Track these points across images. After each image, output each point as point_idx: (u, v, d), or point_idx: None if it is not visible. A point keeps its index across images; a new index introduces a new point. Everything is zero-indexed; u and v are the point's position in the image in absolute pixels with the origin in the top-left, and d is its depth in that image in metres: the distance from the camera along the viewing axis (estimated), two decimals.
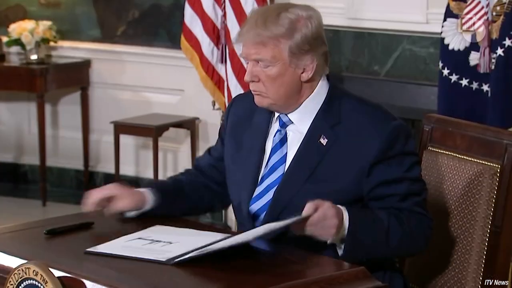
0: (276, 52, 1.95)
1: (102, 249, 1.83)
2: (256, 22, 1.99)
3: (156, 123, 4.40)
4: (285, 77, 1.97)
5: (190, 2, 4.16)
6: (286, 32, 1.95)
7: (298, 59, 1.96)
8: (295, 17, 1.97)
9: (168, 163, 4.73)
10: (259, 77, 1.97)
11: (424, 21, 3.78)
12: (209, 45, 4.15)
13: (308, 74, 1.98)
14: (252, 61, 1.97)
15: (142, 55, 4.69)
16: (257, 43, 1.95)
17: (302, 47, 1.96)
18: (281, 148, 2.02)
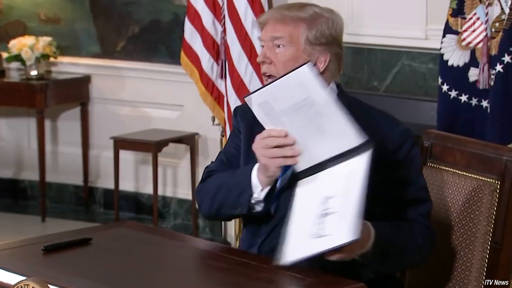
0: (294, 34, 1.99)
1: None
2: (280, 7, 2.07)
3: (156, 138, 4.40)
4: (297, 63, 1.98)
5: (190, 18, 4.18)
6: (308, 18, 2.00)
7: (313, 49, 2.00)
8: (319, 11, 2.03)
9: (168, 178, 4.73)
10: (272, 59, 2.01)
11: (424, 37, 3.79)
12: (208, 61, 4.16)
13: (320, 68, 2.01)
14: (268, 42, 2.01)
15: (142, 71, 4.70)
16: (277, 20, 2.00)
17: (319, 39, 2.00)
18: None
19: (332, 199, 1.78)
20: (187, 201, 4.65)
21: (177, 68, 4.42)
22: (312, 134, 1.85)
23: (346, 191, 1.77)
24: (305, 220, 1.80)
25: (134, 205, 4.82)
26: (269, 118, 1.88)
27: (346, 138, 1.83)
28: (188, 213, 4.65)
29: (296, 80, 1.82)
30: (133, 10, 4.71)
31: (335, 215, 1.75)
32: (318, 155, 1.86)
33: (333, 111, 1.82)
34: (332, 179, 1.82)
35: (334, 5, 3.96)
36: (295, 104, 1.83)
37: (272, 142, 1.87)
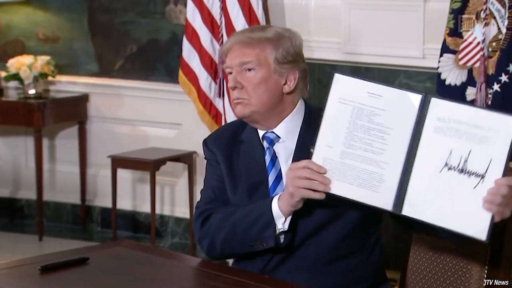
0: (261, 55, 2.02)
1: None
2: (242, 31, 2.11)
3: (154, 157, 4.40)
4: (269, 84, 2.02)
5: (188, 37, 4.19)
6: (273, 39, 2.04)
7: (282, 68, 2.03)
8: (281, 31, 2.07)
9: (166, 197, 4.72)
10: (243, 83, 2.02)
11: (421, 56, 3.81)
12: (206, 80, 4.17)
13: (290, 86, 2.04)
14: (236, 67, 2.03)
15: (140, 89, 4.71)
16: (244, 44, 2.02)
17: (286, 57, 2.03)
18: (274, 165, 2.05)
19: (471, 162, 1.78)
20: (184, 220, 4.63)
21: (175, 86, 4.42)
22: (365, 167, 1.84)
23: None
24: (433, 171, 1.79)
25: (132, 223, 4.80)
26: (343, 123, 1.86)
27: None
28: (185, 232, 4.64)
29: (408, 103, 1.82)
30: (131, 29, 4.73)
31: (478, 190, 1.76)
32: (350, 191, 1.85)
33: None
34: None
35: (332, 24, 4.01)
36: (379, 125, 1.84)
37: (306, 173, 1.86)
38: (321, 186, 1.84)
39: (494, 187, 1.74)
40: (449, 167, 1.78)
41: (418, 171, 1.80)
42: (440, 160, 1.78)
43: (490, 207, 1.74)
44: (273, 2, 4.15)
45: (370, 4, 3.91)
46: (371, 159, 1.83)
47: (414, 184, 1.80)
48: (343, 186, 1.84)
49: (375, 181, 1.83)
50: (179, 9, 4.55)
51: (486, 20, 3.35)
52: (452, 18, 3.41)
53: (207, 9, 4.11)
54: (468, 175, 1.76)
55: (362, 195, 1.83)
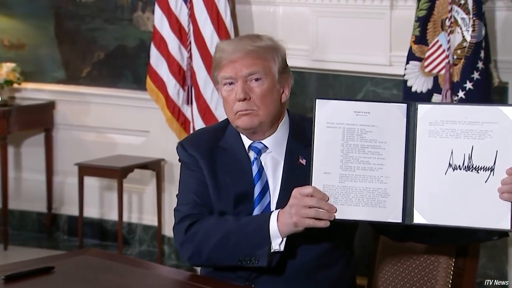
0: (266, 66, 2.00)
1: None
2: (241, 40, 2.04)
3: (121, 164, 4.37)
4: (273, 94, 2.01)
5: (156, 44, 4.18)
6: (273, 47, 2.02)
7: (281, 77, 2.03)
8: (273, 39, 2.05)
9: (133, 205, 4.69)
10: (250, 94, 1.99)
11: (387, 64, 3.84)
12: (174, 87, 4.16)
13: (286, 94, 2.04)
14: (243, 77, 1.99)
15: (107, 97, 4.68)
16: (251, 54, 1.98)
17: (283, 66, 2.03)
18: (260, 177, 2.02)
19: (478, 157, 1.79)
20: (152, 228, 4.61)
21: (142, 93, 4.40)
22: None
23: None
24: (440, 172, 1.80)
25: (99, 231, 4.76)
26: (336, 146, 1.85)
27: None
28: (153, 240, 4.61)
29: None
30: (98, 36, 4.70)
31: (492, 181, 1.78)
32: (352, 212, 1.85)
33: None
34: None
35: (299, 32, 4.03)
36: (372, 141, 1.84)
37: (312, 202, 1.83)
38: (326, 215, 1.82)
39: (508, 177, 1.75)
40: (454, 167, 1.79)
41: (422, 178, 1.81)
42: (443, 162, 1.80)
43: (510, 197, 1.75)
44: (241, 9, 4.16)
45: (338, 12, 3.93)
46: (371, 176, 1.83)
47: (420, 191, 1.81)
48: (349, 209, 1.83)
49: (380, 197, 1.83)
50: (146, 16, 4.53)
51: (451, 28, 3.39)
52: (418, 26, 3.45)
53: (175, 16, 4.10)
54: (476, 171, 1.78)
55: (370, 214, 1.83)
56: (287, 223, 1.87)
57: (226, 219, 1.98)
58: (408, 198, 1.82)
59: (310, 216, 1.83)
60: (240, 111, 1.99)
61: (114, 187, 4.47)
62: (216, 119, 4.00)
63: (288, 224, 1.87)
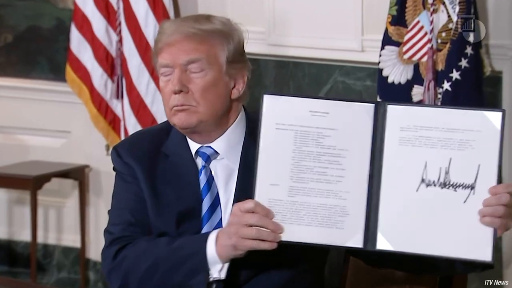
0: (212, 53, 1.98)
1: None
2: (184, 20, 2.03)
3: (35, 172, 4.34)
4: (219, 88, 1.99)
5: (77, 24, 4.17)
6: (223, 31, 2.00)
7: (232, 68, 2.01)
8: (227, 22, 2.03)
9: (50, 222, 4.66)
10: (188, 86, 1.98)
11: (359, 49, 3.89)
12: (101, 77, 4.15)
13: (239, 90, 2.02)
14: (181, 66, 1.98)
15: (17, 89, 4.64)
16: (192, 38, 1.97)
17: (236, 55, 2.01)
18: (210, 189, 2.01)
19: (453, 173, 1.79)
20: (74, 250, 4.59)
21: (61, 85, 4.38)
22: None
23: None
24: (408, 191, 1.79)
25: (7, 256, 4.72)
26: (286, 153, 1.84)
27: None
28: (75, 264, 4.60)
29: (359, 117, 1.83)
30: (5, 14, 4.66)
31: (472, 202, 1.76)
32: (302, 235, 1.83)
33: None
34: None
35: (253, 11, 4.06)
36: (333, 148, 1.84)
37: (253, 220, 1.82)
38: (270, 235, 1.81)
39: (491, 197, 1.74)
40: (427, 183, 1.78)
41: (389, 195, 1.80)
42: (415, 177, 1.78)
43: (492, 221, 1.74)
44: None
45: None
46: (328, 190, 1.82)
47: (385, 210, 1.79)
48: (299, 229, 1.81)
49: (337, 216, 1.81)
50: None
51: (434, 6, 3.45)
52: (395, 3, 3.51)
53: None
54: (453, 188, 1.76)
55: (325, 236, 1.81)
56: (226, 245, 1.87)
57: (157, 242, 1.97)
58: (372, 218, 1.80)
59: (250, 236, 1.81)
60: (175, 106, 1.98)
61: (26, 201, 4.44)
62: (153, 116, 4.01)
63: (226, 247, 1.86)
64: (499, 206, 1.75)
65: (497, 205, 1.75)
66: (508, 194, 1.75)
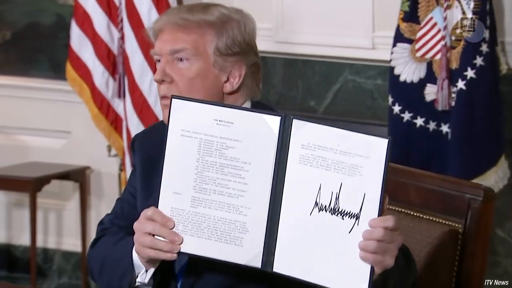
0: (200, 44, 1.99)
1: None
2: (178, 9, 2.06)
3: (34, 174, 4.35)
4: (206, 80, 2.00)
5: (78, 21, 4.18)
6: (216, 22, 2.00)
7: (224, 61, 2.01)
8: (227, 13, 2.03)
9: (50, 225, 4.67)
10: (173, 76, 2.00)
11: (370, 46, 3.89)
12: (102, 75, 4.16)
13: (233, 84, 2.02)
14: (166, 55, 2.00)
15: (16, 88, 4.65)
16: (178, 27, 1.99)
17: (230, 48, 2.00)
18: None
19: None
20: (75, 254, 4.60)
21: (61, 84, 4.39)
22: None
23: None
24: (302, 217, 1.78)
25: (6, 260, 4.73)
26: (190, 161, 1.83)
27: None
28: (76, 269, 4.61)
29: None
30: (3, 10, 4.67)
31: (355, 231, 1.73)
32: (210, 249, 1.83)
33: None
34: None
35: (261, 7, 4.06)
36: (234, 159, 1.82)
37: (150, 228, 1.84)
38: (167, 246, 1.82)
39: (367, 230, 1.72)
40: (320, 207, 1.76)
41: (287, 215, 1.79)
42: (310, 199, 1.76)
43: (365, 256, 1.72)
44: None
45: None
46: (229, 204, 1.81)
47: (283, 231, 1.79)
48: (199, 242, 1.82)
49: (237, 232, 1.81)
50: None
51: (448, 2, 3.45)
52: None
53: None
54: (341, 216, 1.74)
55: (223, 252, 1.81)
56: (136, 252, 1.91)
57: (107, 240, 2.03)
58: (271, 238, 1.79)
59: (147, 245, 1.84)
60: (161, 98, 2.01)
61: (26, 203, 4.45)
62: (156, 116, 4.02)
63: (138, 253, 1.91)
64: (371, 241, 1.72)
65: (369, 239, 1.72)
66: (383, 229, 1.72)
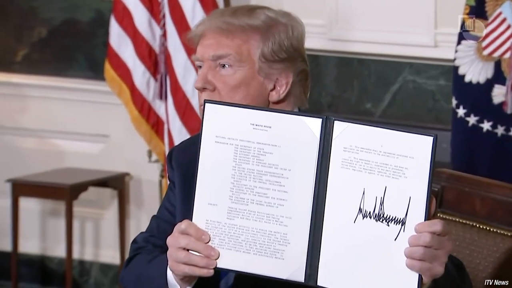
0: (244, 49, 1.99)
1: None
2: (221, 12, 2.07)
3: (70, 181, 4.39)
4: (251, 88, 2.00)
5: (117, 17, 4.21)
6: (261, 27, 2.01)
7: (270, 68, 2.01)
8: (274, 16, 2.03)
9: (87, 235, 4.70)
10: (215, 84, 2.00)
11: (432, 44, 3.87)
12: (143, 75, 4.19)
13: (280, 93, 2.02)
14: (208, 61, 2.01)
15: (51, 89, 4.69)
16: (221, 32, 1.99)
17: (277, 53, 2.00)
18: None
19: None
20: (113, 267, 4.63)
21: (100, 84, 4.43)
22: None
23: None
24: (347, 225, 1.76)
25: (40, 273, 4.77)
26: (226, 170, 1.82)
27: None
28: (114, 283, 4.63)
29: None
30: (39, 6, 4.72)
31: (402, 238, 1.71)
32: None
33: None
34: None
35: (313, 2, 4.05)
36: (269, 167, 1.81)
37: (184, 243, 1.83)
38: (203, 261, 1.82)
39: (414, 236, 1.70)
40: (364, 214, 1.73)
41: (330, 224, 1.77)
42: (353, 206, 1.74)
43: (411, 264, 1.70)
44: None
45: None
46: (269, 214, 1.80)
47: (326, 242, 1.76)
48: (237, 256, 1.81)
49: (277, 245, 1.79)
50: None
51: None
52: None
53: None
54: (386, 222, 1.71)
55: (264, 266, 1.80)
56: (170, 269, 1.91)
57: (141, 258, 2.03)
58: (314, 249, 1.77)
59: (181, 261, 1.83)
60: (200, 106, 1.98)
61: (61, 212, 4.49)
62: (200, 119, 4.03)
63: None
64: (418, 247, 1.69)
65: (416, 245, 1.70)
66: (430, 234, 1.69)
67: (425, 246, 1.69)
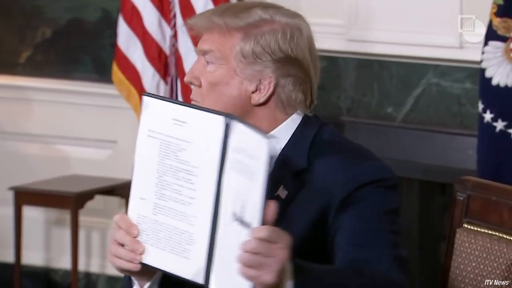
0: (226, 47, 2.02)
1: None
2: (217, 8, 2.12)
3: (76, 189, 4.40)
4: (229, 87, 2.03)
5: (125, 17, 4.21)
6: (244, 27, 2.03)
7: (250, 69, 2.03)
8: (267, 18, 2.04)
9: (94, 245, 4.71)
10: (201, 79, 2.04)
11: (457, 45, 3.87)
12: (153, 78, 4.19)
13: (260, 96, 2.03)
14: (200, 56, 2.06)
15: (56, 92, 4.71)
16: (204, 28, 2.05)
17: (259, 55, 2.02)
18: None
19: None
20: (121, 279, 4.59)
21: (107, 87, 4.44)
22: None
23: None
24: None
25: (44, 285, 4.79)
26: (153, 164, 1.87)
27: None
28: None
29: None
30: (43, 6, 4.73)
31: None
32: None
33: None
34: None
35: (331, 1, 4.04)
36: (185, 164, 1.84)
37: (116, 235, 1.90)
38: (128, 255, 1.88)
39: (244, 241, 1.72)
40: (234, 216, 1.75)
41: (221, 226, 1.79)
42: (229, 208, 1.77)
43: (241, 270, 1.72)
44: None
45: None
46: (182, 212, 1.84)
47: (220, 244, 1.79)
48: (155, 252, 1.86)
49: (186, 244, 1.83)
50: None
51: None
52: None
53: None
54: (243, 225, 1.73)
55: (174, 264, 1.85)
56: None
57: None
58: (211, 252, 1.80)
59: (112, 253, 1.90)
60: (191, 99, 2.06)
61: (66, 221, 4.50)
62: None
63: None
64: (246, 253, 1.71)
65: (244, 251, 1.71)
66: (258, 240, 1.70)
67: (252, 252, 1.71)
